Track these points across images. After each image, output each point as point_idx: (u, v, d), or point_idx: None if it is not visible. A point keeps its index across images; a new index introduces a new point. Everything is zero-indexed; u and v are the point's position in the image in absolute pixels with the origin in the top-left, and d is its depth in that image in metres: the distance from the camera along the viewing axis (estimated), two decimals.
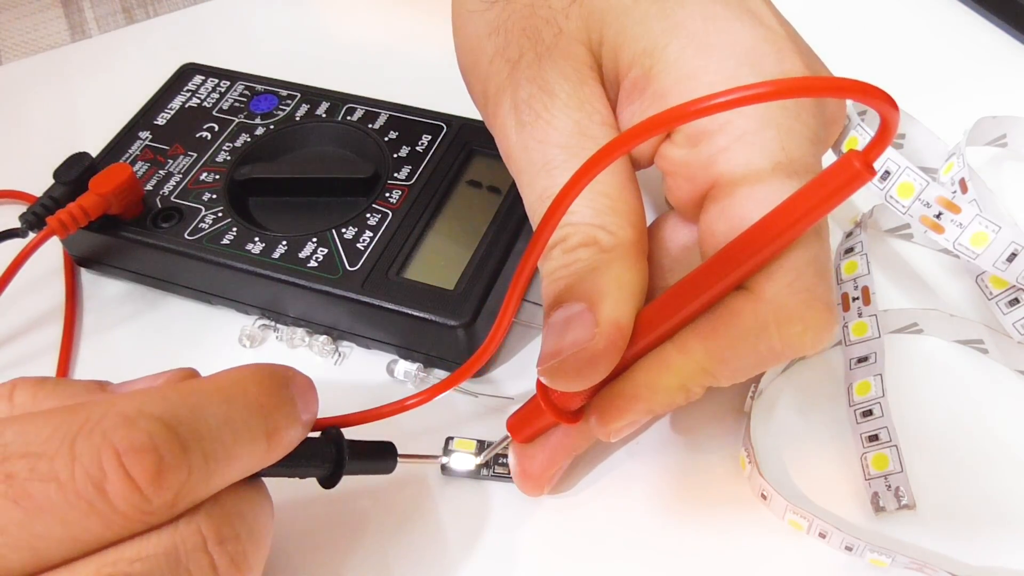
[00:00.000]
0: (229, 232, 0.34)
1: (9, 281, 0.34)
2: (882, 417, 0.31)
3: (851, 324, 0.33)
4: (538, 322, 0.34)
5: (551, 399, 0.26)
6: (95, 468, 0.20)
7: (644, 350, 0.24)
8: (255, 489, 0.24)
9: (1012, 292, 0.31)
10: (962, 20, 0.46)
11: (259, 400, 0.23)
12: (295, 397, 0.24)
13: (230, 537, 0.22)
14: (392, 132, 0.37)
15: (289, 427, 0.23)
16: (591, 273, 0.24)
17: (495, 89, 0.27)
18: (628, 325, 0.23)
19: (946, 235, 0.29)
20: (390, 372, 0.33)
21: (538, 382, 0.26)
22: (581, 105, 0.26)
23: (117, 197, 0.34)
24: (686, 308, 0.23)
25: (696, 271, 0.23)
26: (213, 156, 0.37)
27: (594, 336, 0.23)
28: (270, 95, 0.39)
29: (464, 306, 0.31)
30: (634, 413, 0.25)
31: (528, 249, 0.22)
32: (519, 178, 0.27)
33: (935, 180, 0.29)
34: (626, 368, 0.24)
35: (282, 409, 0.23)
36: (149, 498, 0.20)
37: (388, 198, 0.35)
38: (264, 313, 0.35)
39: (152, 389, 0.23)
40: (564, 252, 0.25)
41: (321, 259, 0.33)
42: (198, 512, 0.21)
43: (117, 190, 0.34)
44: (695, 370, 0.24)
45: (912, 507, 0.29)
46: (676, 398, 0.24)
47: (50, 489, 0.19)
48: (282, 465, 0.24)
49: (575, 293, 0.24)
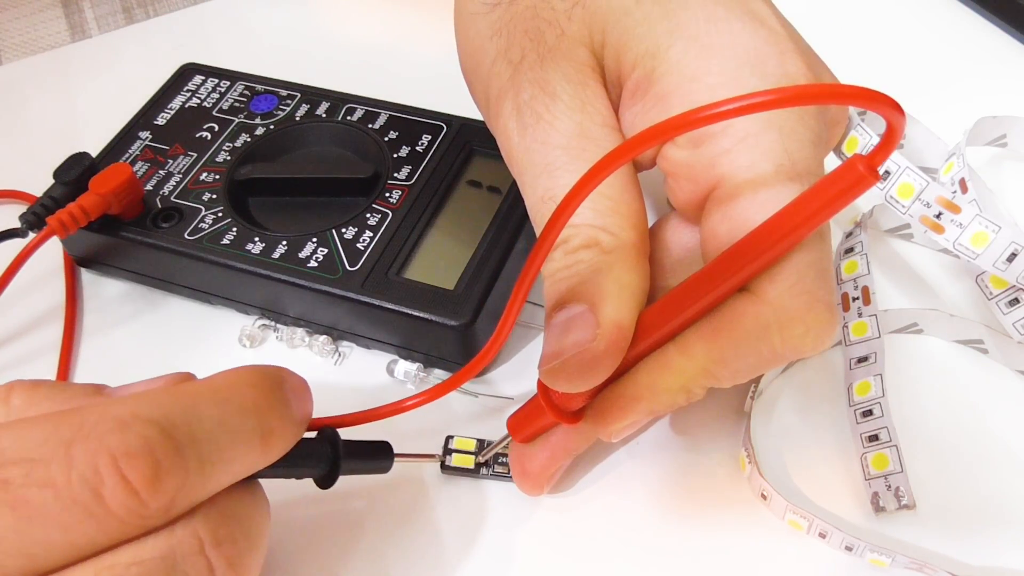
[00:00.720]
0: (229, 232, 0.34)
1: (9, 281, 0.34)
2: (882, 417, 0.31)
3: (851, 324, 0.33)
4: (538, 322, 0.35)
5: (552, 399, 0.26)
6: (91, 473, 0.20)
7: (646, 351, 0.24)
8: (251, 491, 0.24)
9: (1012, 292, 0.31)
10: (962, 20, 0.46)
11: (254, 402, 0.23)
12: (289, 398, 0.24)
13: (227, 539, 0.22)
14: (392, 132, 0.37)
15: (284, 428, 0.23)
16: (593, 275, 0.24)
17: (497, 91, 0.27)
18: (629, 326, 0.24)
19: (946, 235, 0.29)
20: (390, 372, 0.33)
21: (539, 382, 0.26)
22: (583, 107, 0.26)
23: (117, 197, 0.34)
24: (688, 310, 0.23)
25: (698, 273, 0.23)
26: (213, 156, 0.37)
27: (595, 337, 0.23)
28: (270, 95, 0.39)
29: (464, 306, 0.31)
30: (635, 414, 0.25)
31: (532, 253, 0.22)
32: (521, 179, 0.27)
33: (935, 180, 0.29)
34: (628, 369, 0.24)
35: (276, 410, 0.23)
36: (146, 502, 0.20)
37: (388, 198, 0.35)
38: (264, 313, 0.35)
39: (147, 393, 0.23)
40: (566, 254, 0.25)
41: (321, 259, 0.33)
42: (195, 515, 0.21)
43: (117, 190, 0.34)
44: (697, 371, 0.24)
45: (912, 507, 0.29)
46: (678, 399, 0.24)
47: (47, 495, 0.19)
48: (278, 466, 0.24)
49: (576, 295, 0.24)
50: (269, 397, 0.23)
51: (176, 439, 0.21)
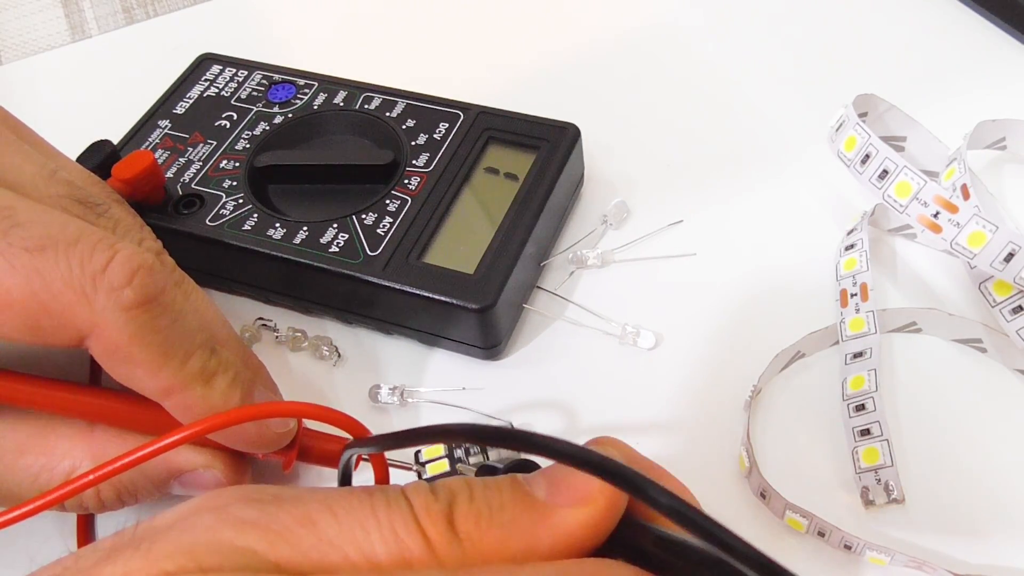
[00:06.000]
0: (250, 218, 0.34)
1: None
2: (875, 412, 0.31)
3: (848, 320, 0.33)
4: (553, 312, 0.35)
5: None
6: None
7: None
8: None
9: (1016, 299, 0.31)
10: (962, 20, 0.47)
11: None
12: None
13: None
14: (409, 120, 0.38)
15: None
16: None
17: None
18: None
19: (943, 234, 0.30)
20: (373, 398, 0.33)
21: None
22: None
23: (140, 184, 0.34)
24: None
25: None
26: (232, 144, 0.37)
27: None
28: (288, 84, 0.40)
29: (485, 290, 0.32)
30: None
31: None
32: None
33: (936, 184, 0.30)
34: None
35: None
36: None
37: (407, 184, 0.35)
38: (284, 298, 0.35)
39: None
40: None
41: (343, 244, 0.33)
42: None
43: (139, 176, 0.34)
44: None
45: (901, 501, 0.29)
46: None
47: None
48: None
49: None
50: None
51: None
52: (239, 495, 0.19)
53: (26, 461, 0.27)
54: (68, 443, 0.27)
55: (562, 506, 0.19)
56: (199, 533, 0.18)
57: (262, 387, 0.28)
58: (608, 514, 0.19)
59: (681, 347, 0.34)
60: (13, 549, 0.30)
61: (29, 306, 0.23)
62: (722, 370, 0.33)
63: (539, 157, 0.36)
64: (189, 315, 0.26)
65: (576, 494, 0.19)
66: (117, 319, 0.24)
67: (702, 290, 0.36)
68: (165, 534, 0.18)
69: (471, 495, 0.19)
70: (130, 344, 0.24)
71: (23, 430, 0.27)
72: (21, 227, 0.23)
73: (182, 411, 0.26)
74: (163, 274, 0.25)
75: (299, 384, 0.34)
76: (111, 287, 0.24)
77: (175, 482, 0.28)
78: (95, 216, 0.27)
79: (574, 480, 0.19)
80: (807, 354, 0.34)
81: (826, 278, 0.36)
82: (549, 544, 0.18)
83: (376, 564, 0.18)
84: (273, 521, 0.18)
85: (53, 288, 0.23)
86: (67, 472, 0.27)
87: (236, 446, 0.27)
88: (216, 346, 0.26)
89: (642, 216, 0.38)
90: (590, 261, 0.37)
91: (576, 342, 0.34)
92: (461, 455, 0.31)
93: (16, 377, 0.26)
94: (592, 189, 0.39)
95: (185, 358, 0.25)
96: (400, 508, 0.18)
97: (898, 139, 0.38)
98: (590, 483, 0.19)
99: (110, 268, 0.24)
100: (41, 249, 0.23)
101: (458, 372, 0.34)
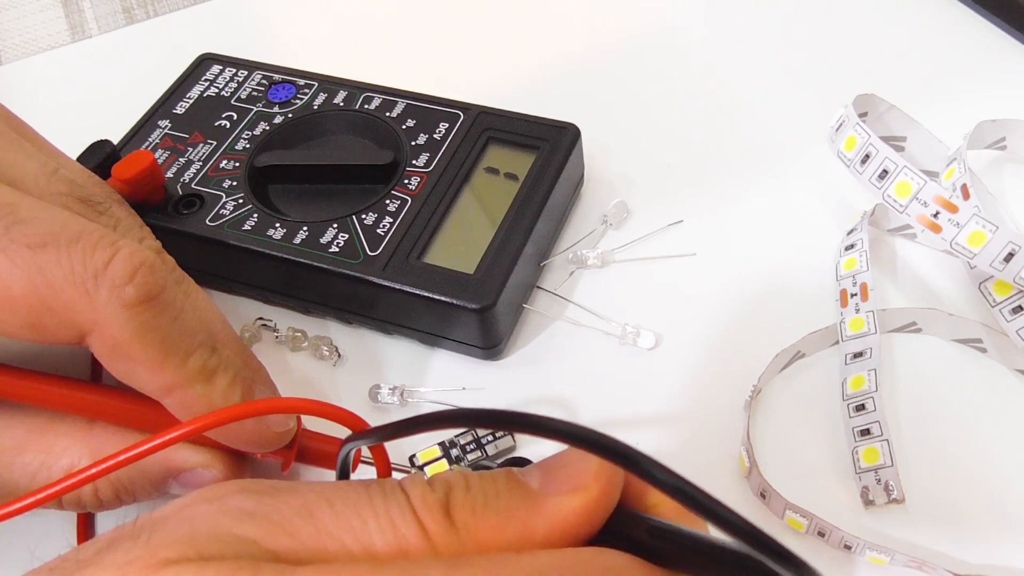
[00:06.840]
0: (250, 218, 0.34)
1: None
2: (875, 411, 0.31)
3: (848, 320, 0.33)
4: (553, 312, 0.35)
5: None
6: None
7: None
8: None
9: (1015, 299, 0.31)
10: (962, 20, 0.47)
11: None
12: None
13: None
14: (409, 120, 0.38)
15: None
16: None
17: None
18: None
19: (943, 234, 0.30)
20: (373, 398, 0.33)
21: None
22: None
23: (140, 184, 0.34)
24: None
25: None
26: (232, 144, 0.37)
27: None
28: (288, 84, 0.40)
29: (485, 290, 0.32)
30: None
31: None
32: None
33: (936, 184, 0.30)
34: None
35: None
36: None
37: (407, 184, 0.35)
38: (284, 298, 0.36)
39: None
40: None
41: (343, 244, 0.33)
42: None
43: (140, 176, 0.34)
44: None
45: (901, 501, 0.29)
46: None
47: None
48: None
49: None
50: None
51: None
52: (237, 487, 0.19)
53: (24, 458, 0.27)
54: (67, 440, 0.27)
55: (556, 494, 0.19)
56: (199, 523, 0.18)
57: (262, 387, 0.28)
58: (602, 501, 0.19)
59: (681, 347, 0.34)
60: (15, 548, 0.30)
61: (30, 302, 0.23)
62: (722, 370, 0.33)
63: (539, 157, 0.36)
64: (190, 313, 0.26)
65: (570, 482, 0.19)
66: (118, 316, 0.24)
67: (702, 290, 0.36)
68: (165, 524, 0.18)
69: (467, 486, 0.19)
70: (131, 341, 0.24)
71: (22, 427, 0.27)
72: (23, 224, 0.23)
73: (182, 409, 0.26)
74: (164, 272, 0.25)
75: (299, 384, 0.34)
76: (113, 284, 0.24)
77: (173, 481, 0.28)
78: (96, 215, 0.27)
79: (568, 469, 0.19)
80: (807, 354, 0.34)
81: (826, 278, 0.36)
82: (544, 532, 0.19)
83: (374, 554, 0.18)
84: (272, 511, 0.18)
85: (55, 285, 0.23)
86: (66, 469, 0.27)
87: (236, 445, 0.27)
88: (217, 345, 0.26)
89: (642, 216, 0.38)
90: (590, 261, 0.37)
91: (576, 342, 0.35)
92: (458, 453, 0.31)
93: (15, 373, 0.26)
94: (592, 189, 0.39)
95: (186, 356, 0.25)
96: (397, 499, 0.19)
97: (898, 139, 0.38)
98: (584, 472, 0.19)
99: (112, 265, 0.24)
100: (43, 246, 0.23)
101: (458, 372, 0.34)
